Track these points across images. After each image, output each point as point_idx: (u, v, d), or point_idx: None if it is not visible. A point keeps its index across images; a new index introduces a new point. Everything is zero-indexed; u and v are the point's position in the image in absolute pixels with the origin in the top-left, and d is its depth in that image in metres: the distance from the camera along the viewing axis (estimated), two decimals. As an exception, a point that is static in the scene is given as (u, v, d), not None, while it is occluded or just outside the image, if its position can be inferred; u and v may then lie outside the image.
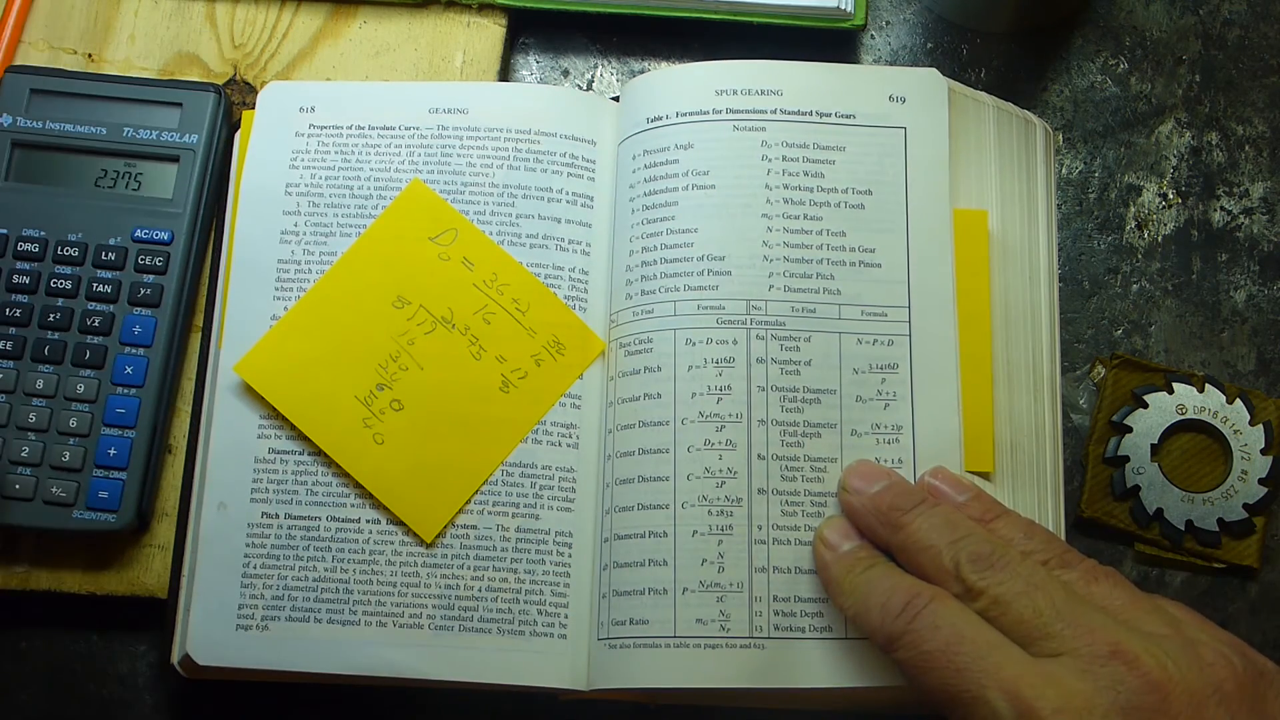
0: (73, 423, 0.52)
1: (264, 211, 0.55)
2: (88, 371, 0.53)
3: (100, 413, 0.53)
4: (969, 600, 0.43)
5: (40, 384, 0.53)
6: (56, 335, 0.53)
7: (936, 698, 0.42)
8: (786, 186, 0.53)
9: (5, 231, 0.54)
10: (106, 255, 0.54)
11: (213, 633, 0.50)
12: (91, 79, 0.57)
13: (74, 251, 0.54)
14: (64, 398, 0.53)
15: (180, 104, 0.56)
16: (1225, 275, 0.59)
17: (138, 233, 0.55)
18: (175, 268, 0.54)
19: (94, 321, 0.53)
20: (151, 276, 0.54)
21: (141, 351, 0.53)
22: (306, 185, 0.55)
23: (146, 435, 0.53)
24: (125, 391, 0.53)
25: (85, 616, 0.54)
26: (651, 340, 0.52)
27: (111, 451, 0.52)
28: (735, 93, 0.54)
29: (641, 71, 0.62)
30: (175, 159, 0.56)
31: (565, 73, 0.62)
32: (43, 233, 0.54)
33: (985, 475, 0.51)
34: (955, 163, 0.54)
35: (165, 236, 0.55)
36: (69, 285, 0.54)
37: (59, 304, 0.54)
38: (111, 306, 0.54)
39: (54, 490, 0.52)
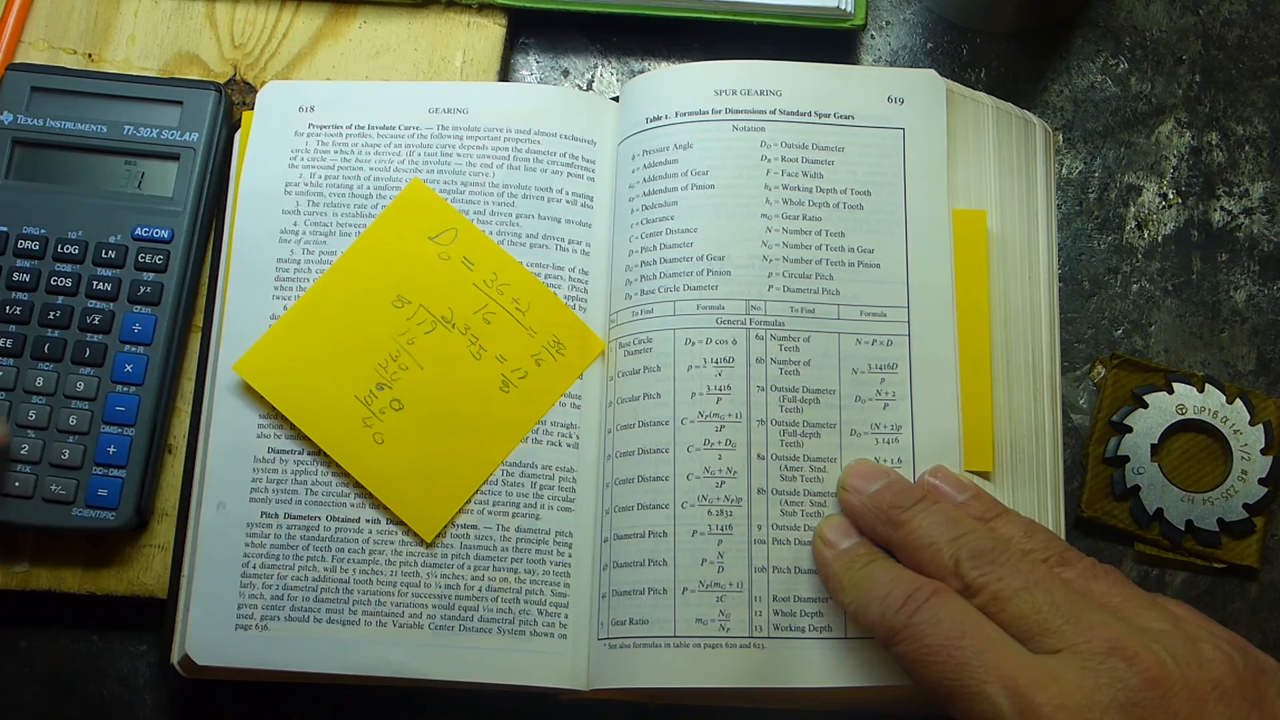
0: (72, 420, 0.52)
1: (263, 210, 0.55)
2: (87, 369, 0.53)
3: (100, 411, 0.53)
4: (969, 596, 0.43)
5: (40, 382, 0.53)
6: (56, 333, 0.53)
7: (936, 692, 0.42)
8: (785, 187, 0.53)
9: (6, 229, 0.54)
10: (107, 253, 0.54)
11: (212, 633, 0.50)
12: (92, 77, 0.57)
13: (74, 249, 0.54)
14: (64, 395, 0.53)
15: (181, 102, 0.56)
16: (1225, 275, 0.59)
17: (138, 231, 0.55)
18: (175, 266, 0.54)
19: (94, 320, 0.53)
20: (151, 275, 0.54)
21: (141, 350, 0.53)
22: (306, 184, 0.55)
23: (146, 433, 0.53)
24: (125, 390, 0.53)
25: (85, 616, 0.54)
26: (651, 340, 0.52)
27: (111, 449, 0.52)
28: (734, 93, 0.54)
29: (641, 71, 0.62)
30: (176, 157, 0.56)
31: (565, 73, 0.62)
32: (43, 231, 0.54)
33: (985, 475, 0.51)
34: (954, 163, 0.54)
35: (165, 235, 0.55)
36: (69, 283, 0.54)
37: (59, 302, 0.54)
38: (111, 305, 0.54)
39: (53, 488, 0.52)
